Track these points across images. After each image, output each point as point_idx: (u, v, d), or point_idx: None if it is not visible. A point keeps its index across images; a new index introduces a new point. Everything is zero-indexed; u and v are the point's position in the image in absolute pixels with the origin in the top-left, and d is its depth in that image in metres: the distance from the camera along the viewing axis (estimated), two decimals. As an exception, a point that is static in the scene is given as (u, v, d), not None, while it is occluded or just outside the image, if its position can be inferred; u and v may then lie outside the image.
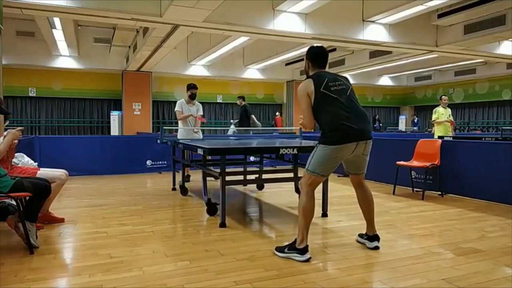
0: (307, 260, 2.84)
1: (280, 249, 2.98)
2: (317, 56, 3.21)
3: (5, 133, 3.40)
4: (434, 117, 8.35)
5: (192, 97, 6.51)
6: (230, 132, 11.51)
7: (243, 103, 10.14)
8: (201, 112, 6.60)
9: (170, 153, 6.30)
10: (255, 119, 10.50)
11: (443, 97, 8.43)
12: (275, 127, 13.78)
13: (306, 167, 3.03)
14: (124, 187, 6.23)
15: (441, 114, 8.29)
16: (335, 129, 2.95)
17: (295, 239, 2.95)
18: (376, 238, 3.20)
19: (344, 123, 2.93)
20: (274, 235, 3.71)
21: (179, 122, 6.58)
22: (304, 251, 2.88)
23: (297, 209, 4.57)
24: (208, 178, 4.69)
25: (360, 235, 3.36)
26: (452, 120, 8.53)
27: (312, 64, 3.21)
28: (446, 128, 8.30)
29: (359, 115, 3.02)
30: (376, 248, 3.14)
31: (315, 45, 3.35)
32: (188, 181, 6.48)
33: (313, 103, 3.02)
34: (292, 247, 2.93)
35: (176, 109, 6.49)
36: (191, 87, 6.53)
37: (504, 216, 4.34)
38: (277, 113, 17.47)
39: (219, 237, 3.48)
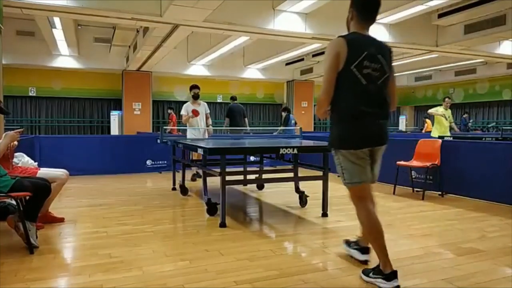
0: None
1: (365, 272, 2.54)
2: (366, 5, 2.43)
3: (3, 135, 3.40)
4: (432, 110, 8.45)
5: (195, 97, 6.77)
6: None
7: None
8: (208, 111, 6.87)
9: (170, 153, 6.30)
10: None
11: (446, 99, 8.48)
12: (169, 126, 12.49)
13: None
14: (124, 187, 6.23)
15: (440, 112, 8.40)
16: None
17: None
18: (368, 251, 2.80)
19: None
20: (274, 235, 3.71)
21: (187, 124, 6.80)
22: (390, 277, 2.36)
23: (297, 209, 4.64)
24: (208, 178, 4.69)
25: (349, 243, 2.98)
26: (452, 121, 8.62)
27: (358, 14, 2.47)
28: (445, 129, 8.35)
29: None
30: (365, 262, 2.78)
31: None
32: (195, 180, 6.67)
33: None
34: (377, 271, 2.46)
35: (181, 112, 6.78)
36: (193, 87, 6.82)
37: (504, 216, 4.34)
38: (169, 110, 15.77)
39: (219, 237, 3.48)
